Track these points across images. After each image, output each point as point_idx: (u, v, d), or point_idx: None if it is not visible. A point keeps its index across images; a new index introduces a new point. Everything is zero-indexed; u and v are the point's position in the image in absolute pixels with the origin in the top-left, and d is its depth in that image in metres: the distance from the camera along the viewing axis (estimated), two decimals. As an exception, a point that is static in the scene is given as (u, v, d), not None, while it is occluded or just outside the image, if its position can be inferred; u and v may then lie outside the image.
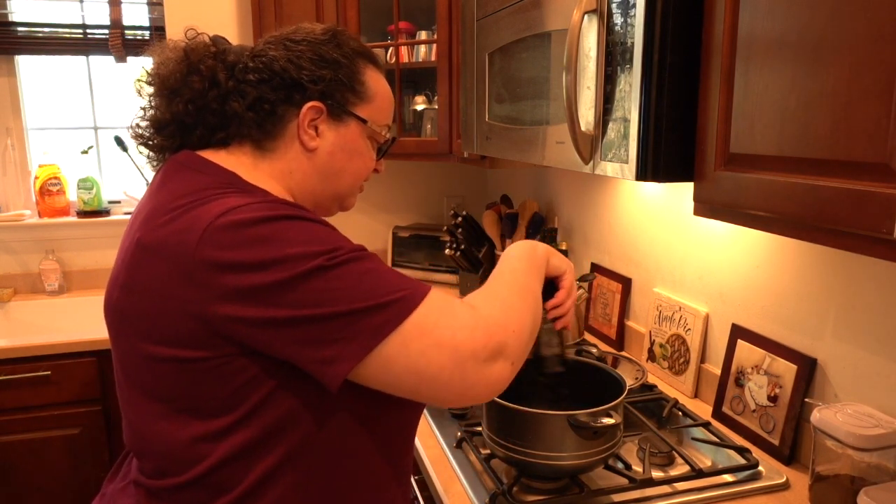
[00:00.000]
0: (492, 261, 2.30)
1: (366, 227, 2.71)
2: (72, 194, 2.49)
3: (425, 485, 1.24)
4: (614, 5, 0.99)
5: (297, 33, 0.88)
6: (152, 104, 0.87)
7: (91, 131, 2.56)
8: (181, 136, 0.86)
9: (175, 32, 0.94)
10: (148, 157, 0.90)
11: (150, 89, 0.87)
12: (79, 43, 2.40)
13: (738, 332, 1.36)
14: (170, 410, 0.76)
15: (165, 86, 0.85)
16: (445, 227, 2.37)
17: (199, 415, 0.75)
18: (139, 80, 0.88)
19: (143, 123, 0.88)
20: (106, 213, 2.49)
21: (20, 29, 2.35)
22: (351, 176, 0.91)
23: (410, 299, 0.71)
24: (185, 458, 0.76)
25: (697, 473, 1.12)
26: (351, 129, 0.89)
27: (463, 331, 0.71)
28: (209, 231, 0.70)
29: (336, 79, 0.86)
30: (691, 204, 0.97)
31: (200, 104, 0.84)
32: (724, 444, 1.24)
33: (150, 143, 0.88)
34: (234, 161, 0.85)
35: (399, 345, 0.70)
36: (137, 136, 0.89)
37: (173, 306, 0.72)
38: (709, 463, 1.24)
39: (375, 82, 0.91)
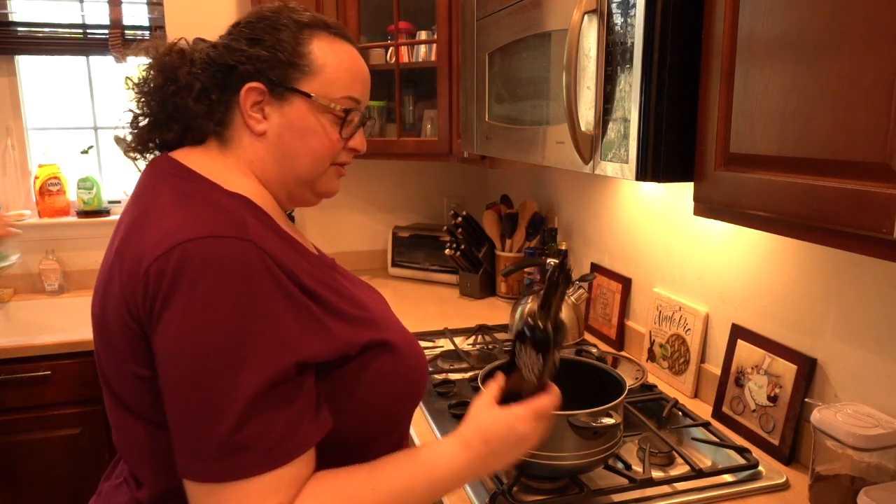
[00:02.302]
0: (492, 261, 2.31)
1: (366, 227, 2.71)
2: (72, 194, 2.48)
3: (425, 485, 1.24)
4: (614, 5, 0.99)
5: (249, 16, 0.86)
6: (129, 107, 0.88)
7: (91, 131, 2.56)
8: (158, 134, 0.86)
9: (175, 32, 0.94)
10: (134, 158, 0.90)
11: (131, 93, 0.87)
12: (79, 43, 2.40)
13: (738, 332, 1.36)
14: (141, 420, 0.76)
15: (138, 87, 0.86)
16: (445, 227, 2.37)
17: (166, 429, 0.74)
18: (129, 80, 0.89)
19: (125, 128, 0.88)
20: (106, 213, 2.49)
21: (20, 29, 2.35)
22: (308, 157, 0.84)
23: (234, 470, 0.67)
24: (160, 466, 0.76)
25: (697, 473, 1.12)
26: (296, 106, 0.83)
27: None
28: (158, 260, 0.69)
29: (271, 56, 0.82)
30: (691, 204, 0.97)
31: (159, 99, 0.84)
32: (724, 444, 1.23)
33: (131, 145, 0.88)
34: (209, 161, 0.83)
35: (198, 493, 0.68)
36: (120, 140, 0.89)
37: (128, 322, 0.72)
38: (709, 463, 1.24)
39: (324, 53, 0.84)
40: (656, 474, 1.14)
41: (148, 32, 2.44)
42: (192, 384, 0.67)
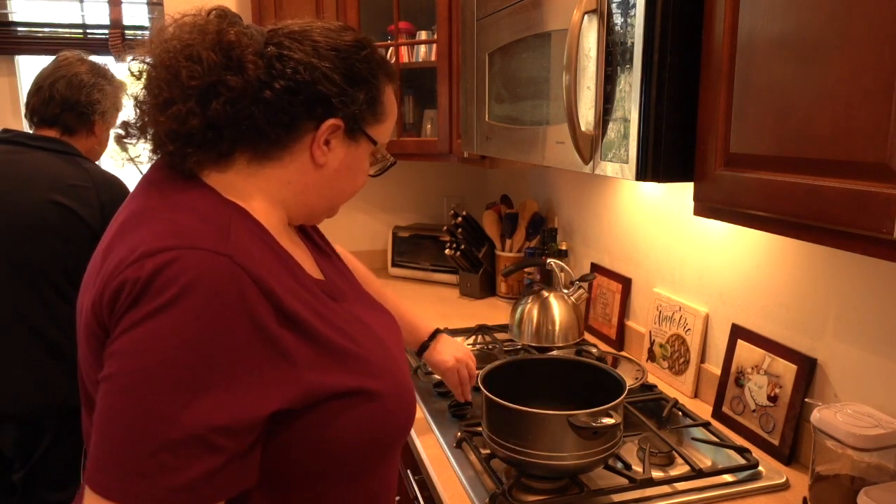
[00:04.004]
0: (492, 261, 2.31)
1: (366, 227, 2.71)
2: (72, 194, 2.48)
3: (425, 485, 1.24)
4: (614, 5, 0.99)
5: (327, 36, 0.79)
6: (166, 104, 0.74)
7: (91, 131, 2.55)
8: (217, 145, 0.75)
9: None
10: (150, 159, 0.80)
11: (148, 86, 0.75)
12: (79, 43, 2.40)
13: (738, 332, 1.36)
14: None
15: (201, 81, 0.72)
16: (445, 227, 2.37)
17: None
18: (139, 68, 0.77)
19: (163, 131, 0.75)
20: (106, 213, 2.49)
21: (20, 29, 2.35)
22: (349, 192, 0.87)
23: (127, 495, 0.61)
24: None
25: (697, 473, 1.12)
26: (361, 148, 0.84)
27: None
28: (129, 268, 0.65)
29: (367, 102, 0.81)
30: (691, 204, 0.97)
31: (239, 107, 0.74)
32: (724, 444, 1.24)
33: (177, 155, 0.75)
34: (227, 169, 0.77)
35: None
36: (166, 150, 0.76)
37: (95, 329, 0.69)
38: (709, 463, 1.24)
39: (390, 102, 0.87)
40: (656, 474, 1.14)
41: (148, 33, 2.44)
42: (132, 399, 0.62)
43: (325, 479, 0.76)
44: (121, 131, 0.81)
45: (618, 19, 0.99)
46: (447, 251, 2.24)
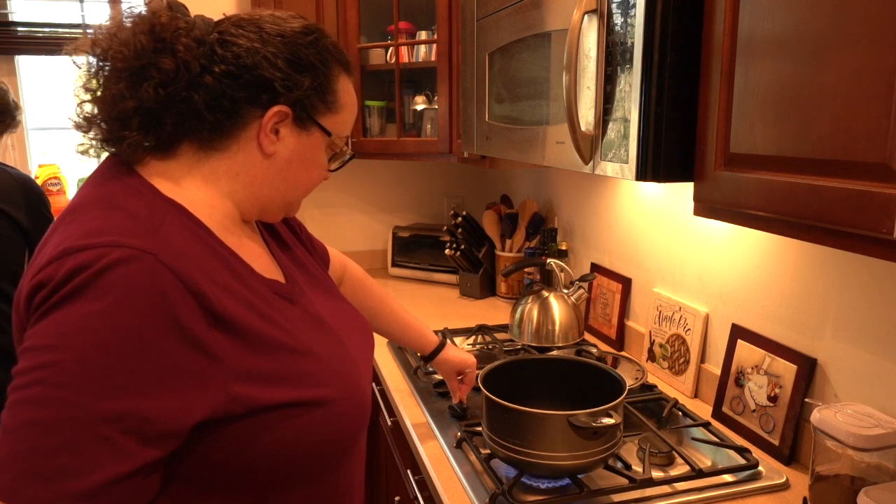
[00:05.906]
0: (492, 261, 2.31)
1: (366, 227, 2.71)
2: (72, 194, 2.49)
3: (425, 485, 1.24)
4: (614, 5, 0.99)
5: (274, 23, 0.78)
6: (102, 89, 0.75)
7: (91, 131, 2.56)
8: (154, 130, 0.74)
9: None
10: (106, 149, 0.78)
11: (92, 68, 0.76)
12: (79, 43, 2.40)
13: (738, 332, 1.36)
14: None
15: (128, 64, 0.73)
16: (445, 227, 2.37)
17: None
18: (83, 55, 0.77)
19: (100, 115, 0.76)
20: (106, 213, 2.50)
21: (20, 29, 2.35)
22: (303, 186, 0.85)
23: (19, 495, 0.57)
24: None
25: (697, 473, 1.12)
26: (314, 138, 0.82)
27: None
28: (50, 266, 0.64)
29: (313, 88, 0.79)
30: (691, 204, 0.97)
31: (172, 91, 0.73)
32: (724, 444, 1.24)
33: (113, 139, 0.76)
34: (171, 162, 0.76)
35: None
36: (99, 133, 0.76)
37: (23, 332, 0.68)
38: (709, 463, 1.24)
39: (345, 93, 0.84)
40: (656, 474, 1.14)
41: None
42: (38, 393, 0.59)
43: (271, 484, 0.74)
44: (82, 128, 0.80)
45: (618, 19, 0.99)
46: (447, 251, 2.24)
